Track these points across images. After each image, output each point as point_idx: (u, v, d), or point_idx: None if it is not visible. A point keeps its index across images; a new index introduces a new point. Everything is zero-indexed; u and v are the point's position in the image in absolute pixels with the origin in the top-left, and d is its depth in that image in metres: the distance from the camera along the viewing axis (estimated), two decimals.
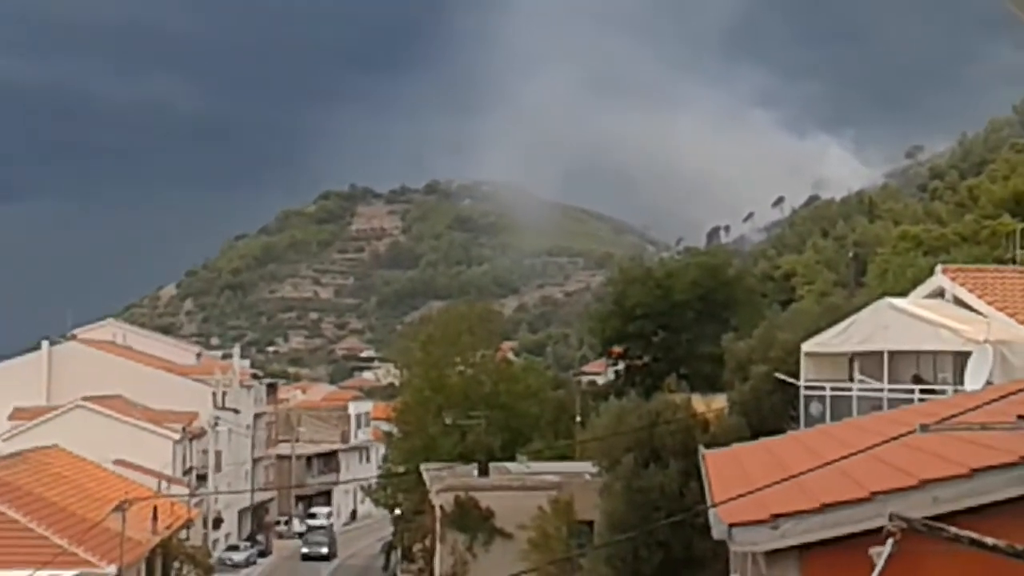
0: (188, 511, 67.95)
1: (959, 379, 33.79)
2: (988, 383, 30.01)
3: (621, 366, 73.95)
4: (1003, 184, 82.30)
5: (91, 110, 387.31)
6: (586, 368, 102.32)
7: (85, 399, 79.56)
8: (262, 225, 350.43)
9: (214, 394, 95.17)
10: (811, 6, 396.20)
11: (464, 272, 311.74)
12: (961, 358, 34.40)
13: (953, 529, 9.92)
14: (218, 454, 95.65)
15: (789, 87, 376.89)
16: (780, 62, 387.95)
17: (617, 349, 73.65)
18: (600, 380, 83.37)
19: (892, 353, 38.75)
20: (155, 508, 55.43)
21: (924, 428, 11.41)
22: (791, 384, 43.31)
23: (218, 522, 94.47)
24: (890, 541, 9.61)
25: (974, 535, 9.80)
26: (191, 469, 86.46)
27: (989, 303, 37.71)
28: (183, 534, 67.16)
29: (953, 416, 12.03)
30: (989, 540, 9.76)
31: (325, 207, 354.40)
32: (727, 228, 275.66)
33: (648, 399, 60.62)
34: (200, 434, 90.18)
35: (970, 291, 38.67)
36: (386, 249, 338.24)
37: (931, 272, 42.89)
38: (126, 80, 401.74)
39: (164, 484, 71.04)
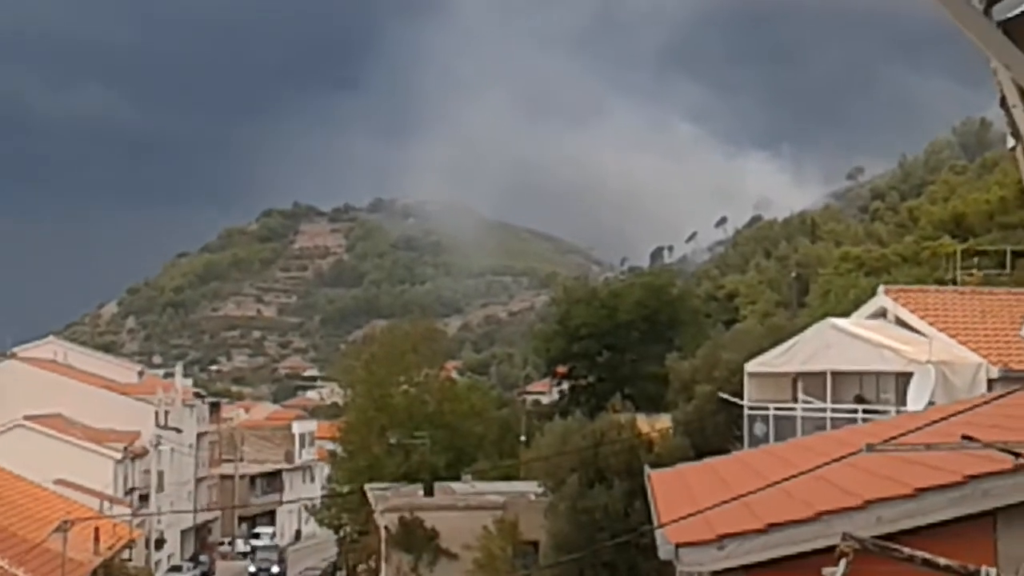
0: (130, 531, 67.38)
1: (901, 399, 34.11)
2: (930, 403, 30.30)
3: (566, 386, 74.07)
4: (943, 205, 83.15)
5: (27, 123, 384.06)
6: (531, 388, 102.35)
7: (25, 418, 78.83)
8: (204, 243, 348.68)
9: (156, 413, 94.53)
10: (749, 26, 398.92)
11: (408, 291, 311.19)
12: (903, 378, 34.71)
13: (906, 550, 10.02)
14: (160, 474, 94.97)
15: (727, 106, 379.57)
16: (717, 81, 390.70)
17: (562, 369, 73.79)
18: (545, 400, 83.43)
19: (835, 373, 39.01)
20: (97, 529, 54.97)
21: (870, 448, 11.52)
22: (735, 404, 43.51)
23: (160, 543, 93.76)
24: (843, 561, 9.69)
25: (927, 555, 9.91)
26: (133, 489, 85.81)
27: (930, 324, 38.04)
28: (125, 555, 66.63)
29: (898, 436, 12.14)
30: (941, 560, 9.87)
31: (268, 225, 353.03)
32: (671, 248, 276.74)
33: (593, 419, 60.75)
34: (142, 453, 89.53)
35: (912, 311, 39.00)
36: (329, 267, 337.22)
37: (873, 293, 43.23)
38: (63, 93, 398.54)
39: (106, 504, 70.43)
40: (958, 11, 3.74)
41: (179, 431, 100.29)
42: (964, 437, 11.33)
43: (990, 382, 34.64)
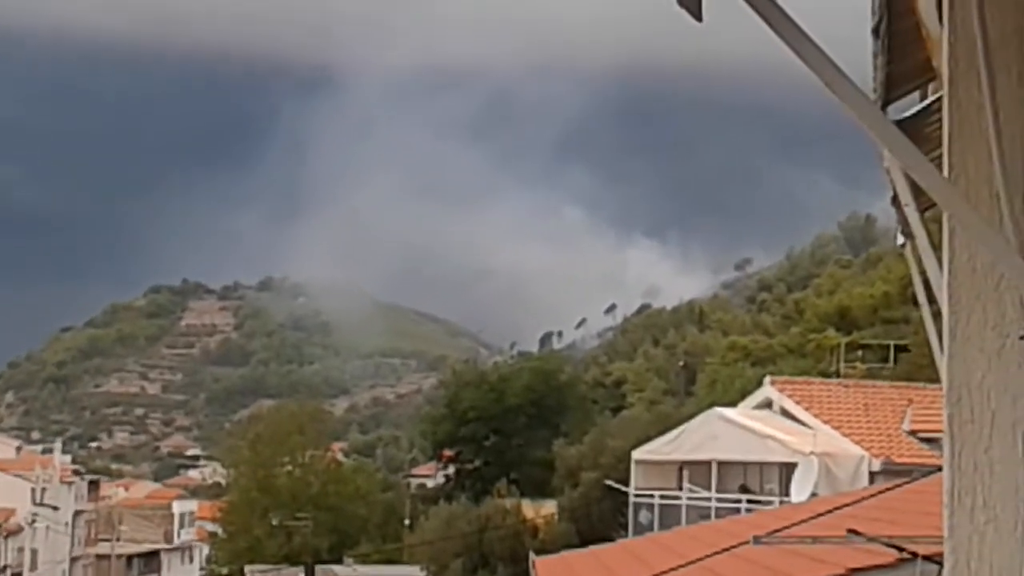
0: None
1: (785, 490, 34.34)
2: (813, 494, 30.52)
3: (452, 470, 73.76)
4: (828, 299, 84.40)
5: None
6: (416, 471, 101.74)
7: None
8: (89, 317, 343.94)
9: (33, 490, 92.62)
10: (641, 119, 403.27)
11: (295, 371, 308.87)
12: (787, 469, 34.98)
13: None
14: (34, 552, 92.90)
15: (616, 195, 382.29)
16: (607, 170, 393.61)
17: (448, 452, 73.50)
18: (430, 483, 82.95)
19: (721, 463, 39.23)
20: None
21: (757, 540, 11.54)
22: (621, 491, 43.56)
23: None
24: None
25: None
26: (6, 567, 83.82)
27: (815, 415, 38.44)
28: None
29: (783, 528, 12.18)
30: None
31: (155, 301, 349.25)
32: (560, 334, 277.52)
33: (478, 504, 60.58)
34: (17, 531, 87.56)
35: (796, 403, 39.40)
36: (217, 345, 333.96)
37: (759, 383, 43.65)
38: None
39: None
40: (857, 108, 3.78)
41: (56, 509, 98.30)
42: (849, 531, 11.39)
43: (872, 475, 35.02)
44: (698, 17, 3.30)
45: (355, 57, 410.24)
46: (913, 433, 36.31)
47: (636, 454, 42.95)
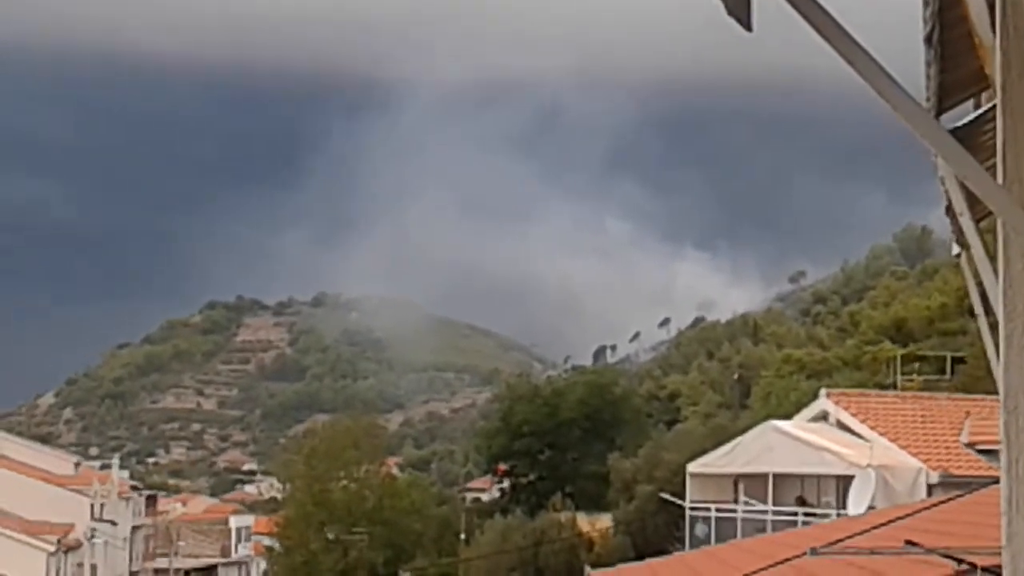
0: None
1: (842, 503, 34.13)
2: (871, 507, 30.33)
3: (507, 483, 73.80)
4: (884, 311, 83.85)
5: None
6: (471, 485, 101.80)
7: None
8: (146, 334, 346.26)
9: (92, 505, 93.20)
10: (690, 131, 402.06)
11: (350, 386, 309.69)
12: (844, 481, 34.77)
13: None
14: (93, 567, 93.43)
15: (666, 208, 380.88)
16: (656, 183, 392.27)
17: (503, 466, 73.55)
18: (485, 497, 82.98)
19: (776, 475, 39.04)
20: None
21: (814, 551, 11.49)
22: (676, 504, 43.44)
23: None
24: None
25: None
26: None
27: (871, 428, 38.19)
28: None
29: (840, 540, 12.13)
30: None
31: (211, 317, 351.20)
32: (613, 347, 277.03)
33: (533, 517, 60.58)
34: (76, 546, 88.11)
35: (853, 415, 39.14)
36: (272, 361, 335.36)
37: (814, 396, 43.42)
38: None
39: None
40: (910, 116, 3.78)
41: (114, 524, 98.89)
42: (907, 542, 11.32)
43: (930, 487, 34.76)
44: (748, 27, 3.32)
45: (404, 74, 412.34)
46: (971, 445, 36.05)
47: (691, 467, 42.84)
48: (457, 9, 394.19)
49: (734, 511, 40.58)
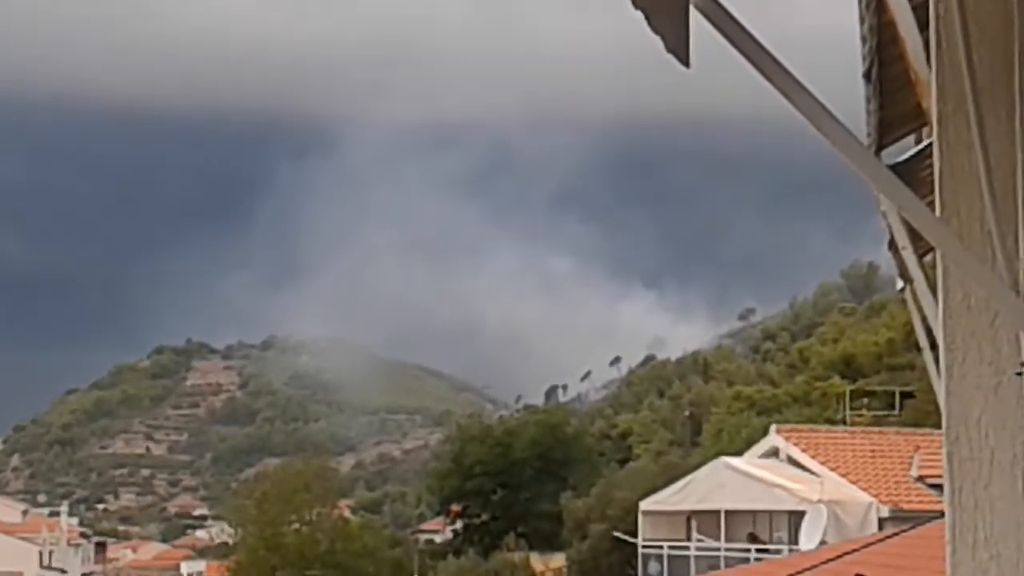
0: None
1: (794, 538, 34.27)
2: (822, 542, 30.46)
3: (460, 524, 73.66)
4: (832, 347, 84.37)
5: None
6: (424, 526, 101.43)
7: None
8: (94, 379, 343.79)
9: (40, 553, 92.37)
10: (637, 171, 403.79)
11: (300, 429, 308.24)
12: (796, 517, 34.93)
13: None
14: None
15: (614, 247, 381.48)
16: (604, 222, 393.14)
17: (456, 507, 73.43)
18: (439, 539, 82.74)
19: (728, 512, 39.18)
20: None
21: None
22: (629, 543, 43.49)
23: None
24: None
25: None
26: None
27: (822, 463, 38.40)
28: None
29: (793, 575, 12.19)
30: None
31: (159, 362, 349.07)
32: (565, 387, 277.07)
33: (487, 558, 60.52)
34: None
35: (803, 451, 39.36)
36: (222, 405, 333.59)
37: (765, 432, 43.63)
38: None
39: None
40: (850, 153, 3.85)
41: (64, 572, 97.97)
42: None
43: (881, 521, 34.98)
44: (686, 63, 3.37)
45: (351, 114, 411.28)
46: (921, 479, 36.30)
47: (644, 505, 42.89)
48: (404, 50, 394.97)
49: (687, 548, 40.65)
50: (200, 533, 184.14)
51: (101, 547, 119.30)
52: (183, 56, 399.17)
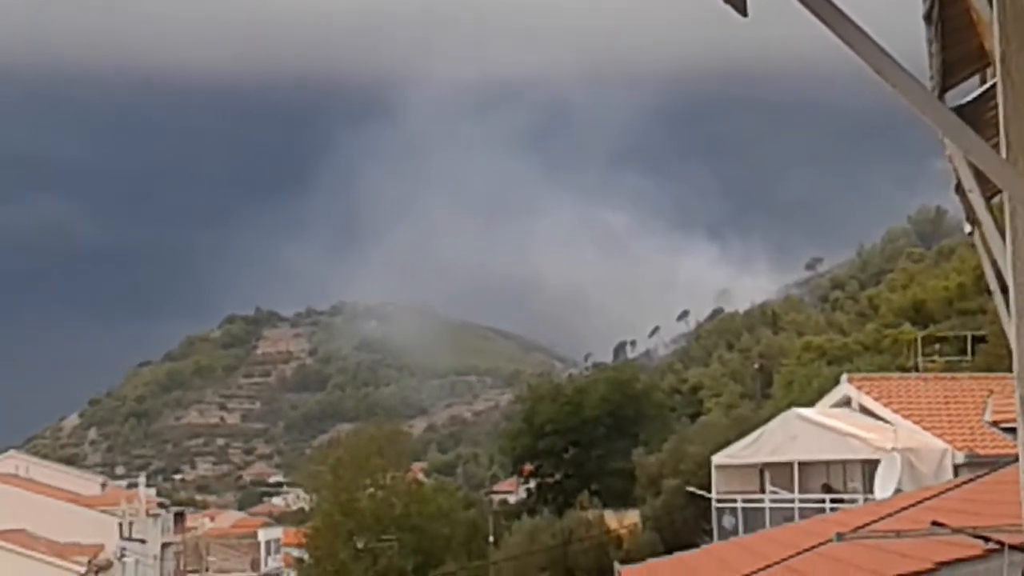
0: None
1: (869, 487, 34.08)
2: (897, 490, 30.28)
3: (533, 484, 73.81)
4: (902, 293, 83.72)
5: None
6: (498, 487, 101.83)
7: None
8: (166, 351, 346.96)
9: (120, 525, 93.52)
10: (698, 121, 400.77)
11: (372, 394, 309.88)
12: (870, 466, 34.72)
13: None
14: None
15: (676, 199, 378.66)
16: (666, 175, 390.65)
17: (528, 467, 73.58)
18: (512, 499, 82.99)
19: (802, 463, 39.02)
20: None
21: (840, 537, 11.49)
22: (703, 497, 43.43)
23: None
24: None
25: None
26: None
27: (895, 411, 38.14)
28: None
29: (867, 525, 12.11)
30: None
31: (230, 331, 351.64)
32: (633, 343, 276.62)
33: (561, 517, 60.61)
34: (106, 566, 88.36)
35: (875, 399, 39.10)
36: (293, 372, 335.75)
37: (836, 382, 43.39)
38: (11, 207, 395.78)
39: None
40: (912, 96, 3.78)
41: (143, 542, 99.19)
42: (933, 523, 11.31)
43: (956, 467, 34.73)
44: (743, 12, 3.33)
45: (408, 77, 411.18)
46: (995, 423, 35.99)
47: (716, 459, 42.81)
48: (458, 10, 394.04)
49: (761, 501, 40.56)
50: (276, 500, 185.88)
51: (179, 517, 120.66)
52: (238, 25, 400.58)
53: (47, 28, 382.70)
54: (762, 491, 41.15)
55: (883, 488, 31.52)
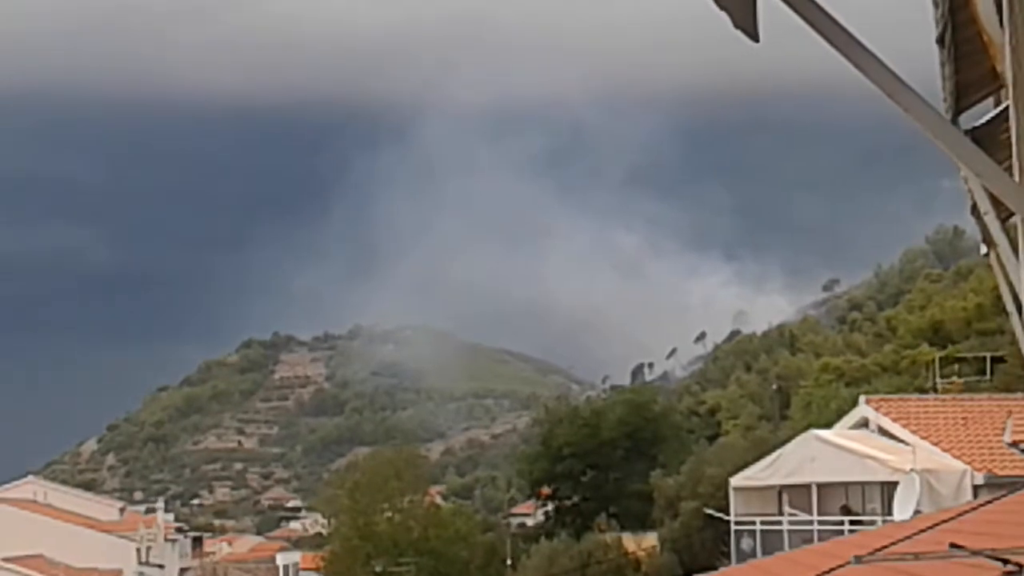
0: None
1: (888, 509, 33.97)
2: (917, 512, 30.17)
3: (551, 507, 73.73)
4: (920, 314, 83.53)
5: None
6: (515, 510, 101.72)
7: (5, 560, 77.85)
8: (184, 376, 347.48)
9: (138, 550, 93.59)
10: (714, 142, 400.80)
11: (389, 418, 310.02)
12: (888, 488, 34.61)
13: None
14: None
15: (693, 221, 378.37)
16: (681, 196, 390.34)
17: (546, 490, 73.49)
18: (530, 522, 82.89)
19: (820, 485, 38.94)
20: None
21: (858, 559, 11.46)
22: (721, 519, 43.34)
23: None
24: None
25: None
26: None
27: (913, 432, 38.05)
28: None
29: (885, 547, 12.08)
30: None
31: (247, 356, 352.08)
32: (651, 365, 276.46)
33: (579, 540, 60.53)
34: None
35: (894, 421, 39.02)
36: (310, 396, 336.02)
37: (854, 403, 43.30)
38: (27, 232, 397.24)
39: None
40: (923, 118, 3.79)
41: (161, 567, 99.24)
42: (952, 545, 11.27)
43: (975, 488, 34.62)
44: (755, 38, 3.33)
45: (422, 100, 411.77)
46: (1015, 444, 35.85)
47: (734, 481, 42.74)
48: (472, 32, 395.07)
49: (779, 523, 40.47)
50: (294, 524, 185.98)
51: (197, 542, 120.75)
52: (255, 50, 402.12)
53: (63, 53, 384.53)
54: (780, 513, 41.06)
55: (902, 509, 31.41)
